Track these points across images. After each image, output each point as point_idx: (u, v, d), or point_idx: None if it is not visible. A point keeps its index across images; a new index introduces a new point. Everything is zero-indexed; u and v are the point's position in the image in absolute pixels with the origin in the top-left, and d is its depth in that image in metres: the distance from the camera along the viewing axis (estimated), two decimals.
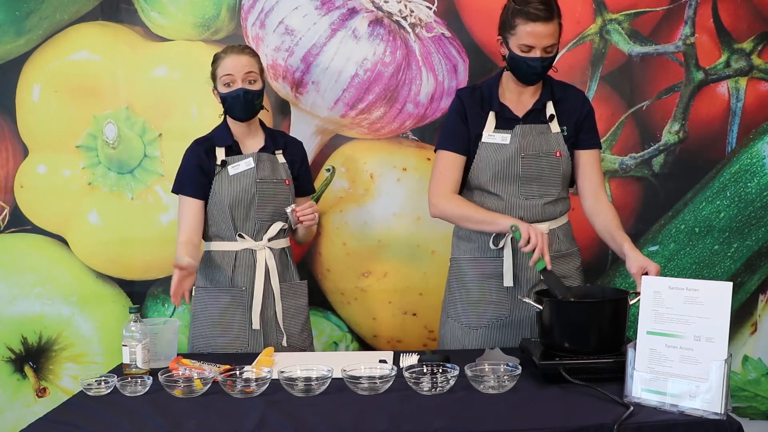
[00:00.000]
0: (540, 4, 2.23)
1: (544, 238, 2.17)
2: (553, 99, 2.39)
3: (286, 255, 2.56)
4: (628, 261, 2.20)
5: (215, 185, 2.47)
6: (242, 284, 2.48)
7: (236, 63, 2.43)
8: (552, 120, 2.38)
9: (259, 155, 2.49)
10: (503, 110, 2.38)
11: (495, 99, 2.39)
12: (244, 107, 2.44)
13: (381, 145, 3.00)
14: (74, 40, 2.96)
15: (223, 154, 2.48)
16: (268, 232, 2.50)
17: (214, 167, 2.48)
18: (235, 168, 2.47)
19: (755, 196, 2.99)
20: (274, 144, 2.55)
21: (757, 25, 2.96)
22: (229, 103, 2.45)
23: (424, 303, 3.03)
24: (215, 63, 2.48)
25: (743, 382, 3.04)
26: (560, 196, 2.41)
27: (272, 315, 2.51)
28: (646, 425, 1.70)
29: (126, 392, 1.99)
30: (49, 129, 2.99)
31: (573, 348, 1.99)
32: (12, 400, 3.06)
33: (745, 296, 3.04)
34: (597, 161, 2.44)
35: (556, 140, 2.38)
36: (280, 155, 2.55)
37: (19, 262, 3.02)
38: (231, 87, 2.43)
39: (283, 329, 2.52)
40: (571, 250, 2.45)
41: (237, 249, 2.49)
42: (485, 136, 2.38)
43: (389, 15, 2.93)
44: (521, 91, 2.39)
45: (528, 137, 2.36)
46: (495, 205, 2.39)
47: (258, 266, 2.48)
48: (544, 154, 2.36)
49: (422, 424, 1.72)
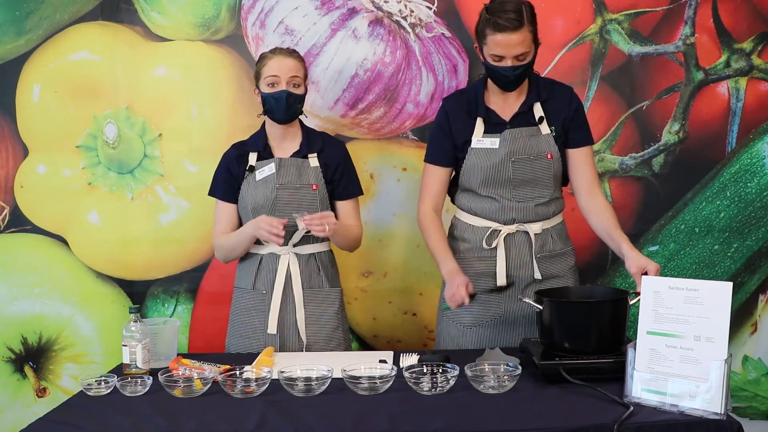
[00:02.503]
0: (510, 13, 2.20)
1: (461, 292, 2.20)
2: (539, 100, 2.38)
3: (315, 260, 2.51)
4: (627, 261, 2.20)
5: (243, 190, 2.48)
6: (263, 288, 2.48)
7: (282, 65, 2.42)
8: (542, 122, 2.37)
9: (282, 160, 2.47)
10: (489, 115, 2.39)
11: (481, 104, 2.40)
12: (285, 110, 2.42)
13: (381, 145, 3.00)
14: (74, 40, 2.96)
15: (253, 160, 2.49)
16: (293, 237, 2.48)
17: (243, 172, 2.48)
18: (261, 173, 2.47)
19: (755, 196, 2.99)
20: (310, 147, 2.50)
21: (757, 25, 2.96)
22: (270, 104, 2.43)
23: (424, 303, 3.03)
24: (261, 62, 2.45)
25: (743, 382, 3.04)
26: (553, 196, 2.41)
27: (293, 321, 2.48)
28: (646, 425, 1.70)
29: (126, 392, 1.99)
30: (49, 129, 2.99)
31: (573, 348, 2.00)
32: (12, 400, 3.06)
33: (745, 296, 3.04)
34: (589, 158, 2.42)
35: (547, 142, 2.37)
36: (314, 158, 2.49)
37: (19, 262, 3.02)
38: (275, 88, 2.41)
39: (306, 336, 2.48)
40: (564, 249, 2.44)
41: (262, 253, 2.49)
42: (474, 141, 2.38)
43: (389, 15, 2.93)
44: (506, 95, 2.39)
45: (518, 141, 2.35)
46: (488, 206, 2.40)
47: (279, 271, 2.47)
48: (534, 157, 2.36)
49: (422, 424, 1.72)
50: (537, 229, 2.38)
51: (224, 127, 2.96)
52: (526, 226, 2.38)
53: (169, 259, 3.03)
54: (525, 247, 2.39)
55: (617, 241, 2.28)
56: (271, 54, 2.45)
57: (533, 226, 2.38)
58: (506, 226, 2.39)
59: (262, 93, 2.45)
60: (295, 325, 2.48)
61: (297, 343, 2.48)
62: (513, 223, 2.39)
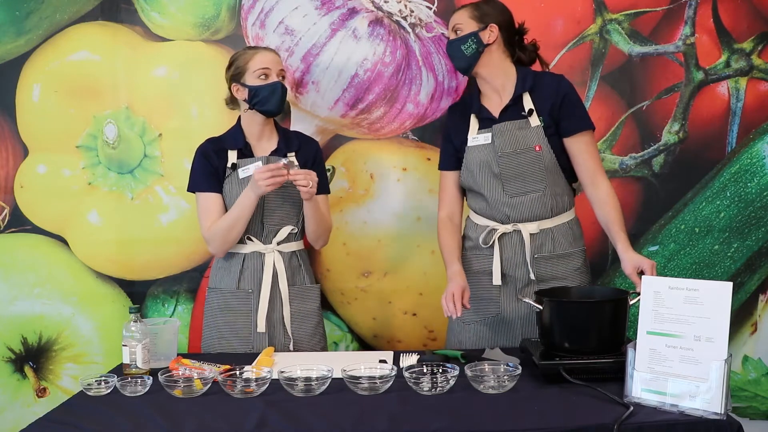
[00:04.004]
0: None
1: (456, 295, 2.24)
2: (524, 90, 2.37)
3: (297, 258, 2.54)
4: (622, 262, 2.22)
5: (226, 188, 2.47)
6: (249, 287, 2.48)
7: (270, 59, 2.45)
8: (531, 114, 2.37)
9: (269, 159, 2.48)
10: (481, 111, 2.42)
11: (475, 102, 2.44)
12: (279, 100, 2.44)
13: (381, 145, 3.00)
14: (74, 40, 2.96)
15: (234, 157, 2.48)
16: (278, 235, 2.49)
17: (224, 168, 2.48)
18: (244, 171, 2.46)
19: (755, 196, 2.99)
20: (288, 145, 2.53)
21: (757, 25, 2.96)
22: (263, 95, 2.42)
23: (424, 303, 3.04)
24: (243, 57, 2.46)
25: (743, 382, 3.04)
26: (550, 191, 2.38)
27: (279, 318, 2.50)
28: (646, 425, 1.69)
29: (126, 392, 1.99)
30: (49, 129, 2.99)
31: (573, 348, 1.99)
32: (12, 400, 3.06)
33: (745, 296, 3.04)
34: (588, 145, 2.37)
35: (536, 134, 2.35)
36: (293, 157, 2.53)
37: (19, 262, 3.02)
38: (268, 79, 2.43)
39: (291, 333, 2.51)
40: (569, 251, 2.42)
41: (245, 252, 2.49)
42: (470, 140, 2.42)
43: (389, 15, 2.93)
44: (495, 90, 2.42)
45: (504, 135, 2.36)
46: (483, 205, 2.42)
47: (266, 269, 2.47)
48: (521, 150, 2.35)
49: (422, 424, 1.72)
50: (533, 229, 2.37)
51: (224, 127, 2.94)
52: (521, 226, 2.37)
53: (169, 259, 3.03)
54: (520, 248, 2.39)
55: (613, 240, 2.30)
56: (253, 50, 2.47)
57: (529, 225, 2.37)
58: (503, 225, 2.39)
59: (250, 86, 2.44)
60: (282, 323, 2.50)
61: (283, 340, 2.50)
62: (508, 221, 2.39)
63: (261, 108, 2.45)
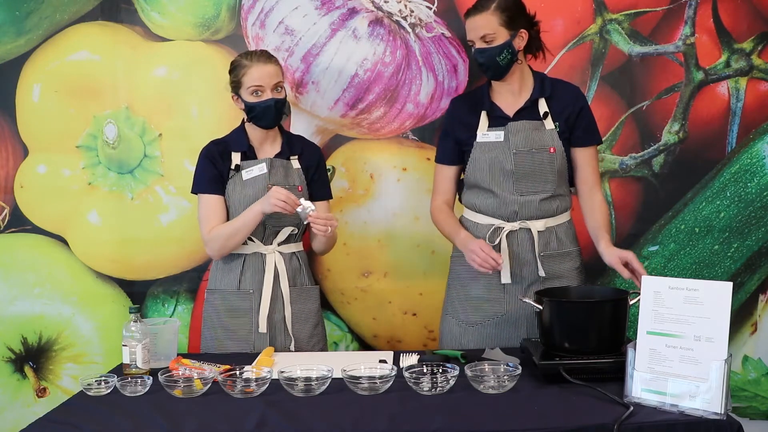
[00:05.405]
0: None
1: (487, 250, 2.26)
2: (543, 95, 2.41)
3: (297, 259, 2.55)
4: (604, 257, 2.26)
5: (229, 189, 2.47)
6: (250, 287, 2.48)
7: (264, 73, 2.41)
8: (546, 117, 2.39)
9: (272, 161, 2.48)
10: (494, 109, 2.42)
11: (486, 99, 2.44)
12: (274, 117, 2.44)
13: (381, 145, 3.00)
14: (74, 40, 2.96)
15: (238, 159, 2.48)
16: (278, 236, 2.49)
17: (228, 169, 2.48)
18: (248, 173, 2.47)
19: (755, 196, 2.99)
20: (291, 149, 2.54)
21: (757, 25, 2.96)
22: (257, 112, 2.43)
23: (424, 303, 3.03)
24: (239, 70, 2.44)
25: (743, 382, 3.04)
26: (557, 192, 2.41)
27: (281, 319, 2.50)
28: (646, 425, 1.70)
29: (126, 392, 1.99)
30: (49, 129, 2.99)
31: (573, 348, 2.00)
32: (12, 400, 3.06)
33: (745, 296, 3.04)
34: (592, 159, 2.45)
35: (551, 136, 2.39)
36: (295, 161, 2.53)
37: (19, 262, 3.02)
38: (261, 97, 2.42)
39: (292, 334, 2.51)
40: (569, 250, 2.45)
41: (247, 252, 2.49)
42: (479, 135, 2.42)
43: (389, 15, 2.93)
44: (511, 90, 2.42)
45: (521, 133, 2.38)
46: (491, 201, 2.41)
47: (267, 270, 2.47)
48: (537, 150, 2.37)
49: (422, 424, 1.72)
50: (540, 227, 2.39)
51: (224, 127, 2.94)
52: (529, 223, 2.38)
53: (169, 259, 3.03)
54: (528, 245, 2.39)
55: (596, 239, 2.34)
56: (249, 61, 2.43)
57: (536, 223, 2.38)
58: (509, 222, 2.39)
59: (246, 102, 2.44)
60: (283, 323, 2.50)
61: (284, 341, 2.49)
62: (516, 218, 2.39)
63: (256, 123, 2.47)
